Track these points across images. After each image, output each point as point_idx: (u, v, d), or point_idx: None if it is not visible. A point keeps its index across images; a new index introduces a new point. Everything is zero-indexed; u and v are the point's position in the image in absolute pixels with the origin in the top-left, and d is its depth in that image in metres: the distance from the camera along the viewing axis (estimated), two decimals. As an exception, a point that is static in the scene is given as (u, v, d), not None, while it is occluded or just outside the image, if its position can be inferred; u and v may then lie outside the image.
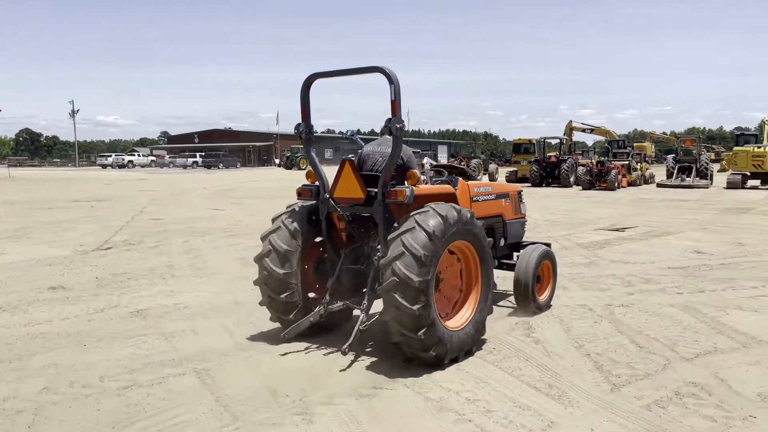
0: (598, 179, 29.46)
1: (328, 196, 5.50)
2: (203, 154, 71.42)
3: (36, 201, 22.08)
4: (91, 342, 5.69)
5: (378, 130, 6.71)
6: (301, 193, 5.76)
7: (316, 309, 5.44)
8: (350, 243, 5.72)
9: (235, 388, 4.56)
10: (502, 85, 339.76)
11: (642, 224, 14.69)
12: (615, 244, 11.63)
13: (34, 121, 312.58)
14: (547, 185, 32.29)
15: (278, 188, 30.69)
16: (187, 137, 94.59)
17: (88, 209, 18.97)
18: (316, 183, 5.64)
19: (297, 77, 5.62)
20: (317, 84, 5.53)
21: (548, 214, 17.38)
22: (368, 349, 5.44)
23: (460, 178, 6.27)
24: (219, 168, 65.43)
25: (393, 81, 4.93)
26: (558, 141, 36.88)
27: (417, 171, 5.33)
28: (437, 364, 4.87)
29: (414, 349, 4.79)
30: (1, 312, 6.72)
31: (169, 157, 74.52)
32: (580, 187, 29.97)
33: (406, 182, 5.32)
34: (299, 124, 5.61)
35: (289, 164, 61.48)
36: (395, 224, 5.06)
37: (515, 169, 37.30)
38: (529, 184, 32.36)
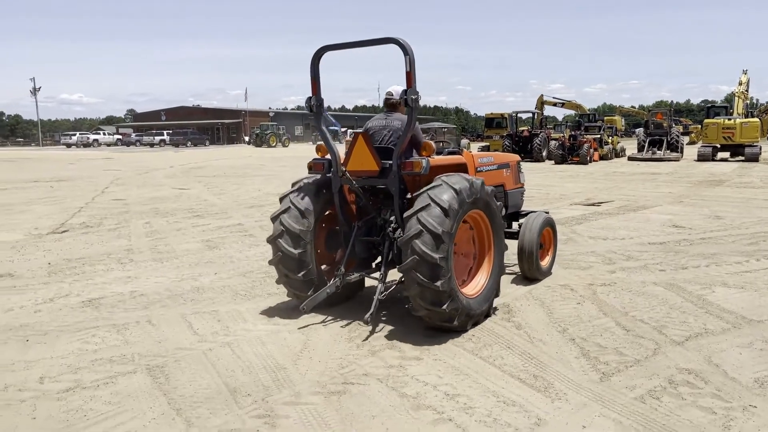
0: (570, 153, 29.33)
1: (343, 168, 5.45)
2: (170, 132, 69.76)
3: (23, 181, 21.10)
4: (35, 337, 5.19)
5: (349, 106, 6.46)
6: (312, 167, 5.81)
7: (332, 281, 5.47)
8: (362, 215, 5.78)
9: (191, 387, 4.12)
10: (469, 60, 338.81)
11: (617, 198, 14.49)
12: (592, 219, 11.38)
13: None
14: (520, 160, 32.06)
15: (247, 165, 30.00)
16: (153, 115, 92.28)
17: (47, 190, 18.15)
18: (327, 156, 5.64)
19: (266, 53, 5.20)
20: (287, 60, 5.14)
21: (523, 189, 17.08)
22: (336, 339, 5.05)
23: (465, 150, 6.27)
24: (187, 146, 64.04)
25: (408, 52, 4.94)
26: (530, 115, 36.63)
27: (432, 143, 5.35)
28: (446, 324, 4.96)
29: (438, 321, 4.92)
30: (-62, 305, 6.16)
31: (136, 136, 72.61)
32: (553, 162, 29.80)
33: (417, 154, 5.42)
34: (310, 97, 5.54)
35: (259, 141, 60.43)
36: (408, 196, 5.29)
37: (488, 144, 37.00)
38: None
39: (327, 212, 5.81)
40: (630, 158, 31.43)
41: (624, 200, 14.07)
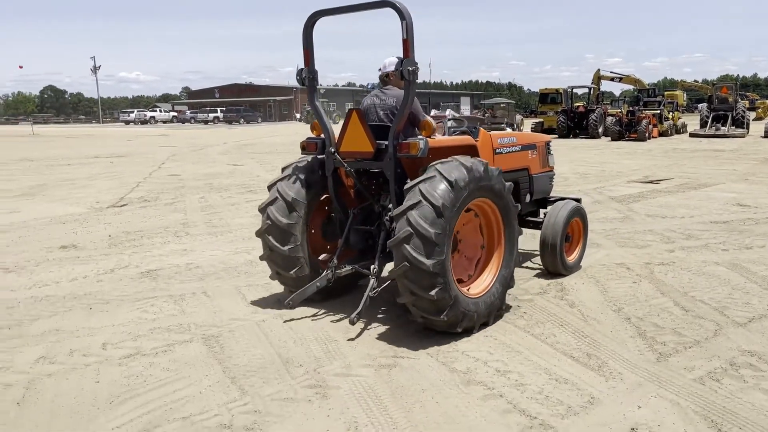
0: (627, 130, 28.42)
1: (333, 150, 4.99)
2: (224, 109, 70.95)
3: (55, 158, 21.94)
4: (98, 305, 5.40)
5: None
6: (305, 146, 5.33)
7: (324, 273, 5.03)
8: (360, 201, 5.25)
9: (245, 357, 4.22)
10: (524, 34, 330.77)
11: (677, 176, 13.98)
12: (650, 197, 11.02)
13: (57, 77, 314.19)
14: (575, 136, 31.31)
15: (297, 143, 30.24)
16: (207, 92, 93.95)
17: (107, 166, 18.76)
18: (322, 135, 5.17)
19: (316, 30, 5.05)
20: (337, 35, 5.01)
21: (577, 166, 16.70)
22: (386, 314, 5.06)
23: (482, 129, 5.70)
24: (240, 123, 65.01)
25: (405, 17, 4.41)
26: (586, 91, 35.58)
27: (432, 121, 4.74)
28: (449, 330, 4.44)
29: (425, 312, 4.34)
30: (7, 273, 6.47)
31: (190, 113, 74.15)
32: (609, 138, 28.97)
33: (417, 133, 4.81)
34: (301, 69, 5.08)
35: (310, 118, 60.73)
36: (408, 181, 4.59)
37: (541, 120, 36.16)
38: (556, 136, 31.43)
39: (323, 197, 5.33)
40: (692, 134, 30.24)
41: (684, 178, 13.57)
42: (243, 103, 78.05)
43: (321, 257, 5.37)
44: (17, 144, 32.21)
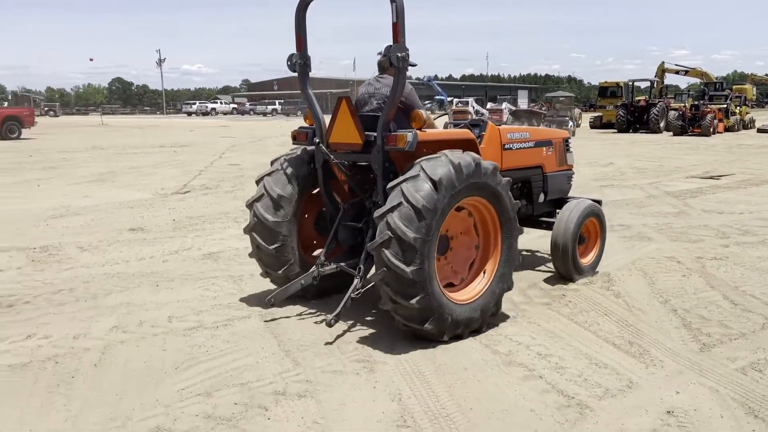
0: (691, 124, 27.63)
1: (317, 140, 4.81)
2: (282, 101, 72.27)
3: (123, 147, 22.96)
4: (164, 282, 5.78)
5: (456, 75, 6.05)
6: (296, 136, 5.10)
7: (310, 270, 4.83)
8: (352, 196, 5.03)
9: (299, 332, 4.48)
10: (585, 26, 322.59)
11: (739, 172, 13.59)
12: (708, 192, 10.80)
13: (125, 70, 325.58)
14: (635, 131, 30.59)
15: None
16: (266, 85, 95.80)
17: (171, 155, 19.54)
18: (314, 126, 4.93)
19: (375, 22, 5.13)
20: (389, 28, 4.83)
21: (634, 161, 16.41)
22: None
23: (490, 123, 5.38)
24: (297, 115, 66.02)
25: None
26: (648, 84, 34.67)
27: (422, 111, 4.48)
28: (434, 339, 4.19)
29: (407, 320, 4.11)
30: (83, 252, 6.95)
31: (250, 105, 75.93)
32: (671, 133, 28.19)
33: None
34: (292, 54, 4.81)
35: (366, 111, 61.22)
36: (398, 176, 4.29)
37: (600, 114, 35.53)
38: (615, 130, 30.80)
39: (315, 190, 5.10)
40: (760, 130, 29.14)
41: (747, 174, 13.18)
42: (301, 95, 79.23)
43: (315, 253, 5.20)
44: (88, 133, 33.79)
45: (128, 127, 42.25)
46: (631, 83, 33.41)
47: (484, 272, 4.61)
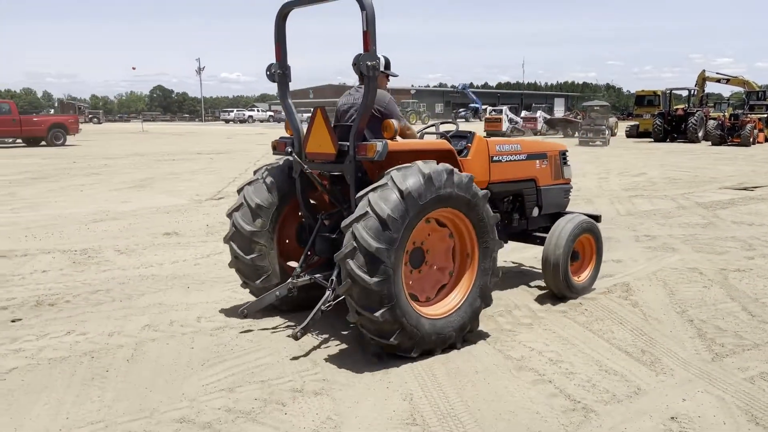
0: (730, 134, 27.09)
1: (290, 150, 4.84)
2: (318, 109, 73.02)
3: (162, 153, 23.64)
4: (194, 285, 6.04)
5: (492, 83, 6.01)
6: (276, 146, 5.09)
7: (286, 282, 4.81)
8: (332, 206, 4.98)
9: (319, 333, 4.67)
10: (623, 33, 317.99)
11: (776, 183, 13.35)
12: (740, 204, 10.67)
13: (165, 78, 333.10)
14: (672, 140, 30.13)
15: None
16: (302, 93, 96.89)
17: (207, 161, 20.06)
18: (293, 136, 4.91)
19: (408, 29, 5.29)
20: (428, 36, 4.81)
21: (668, 170, 16.24)
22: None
23: (477, 134, 5.24)
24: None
25: (365, 6, 4.04)
26: (687, 92, 34.09)
27: (394, 122, 4.40)
28: (403, 355, 4.10)
29: (373, 334, 4.01)
30: (120, 255, 7.29)
31: (286, 112, 76.82)
32: (710, 143, 27.69)
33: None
34: (271, 64, 4.82)
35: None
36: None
37: (637, 122, 35.08)
38: (652, 139, 30.40)
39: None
40: (802, 140, 28.35)
41: (783, 185, 12.94)
42: (335, 103, 79.99)
43: (289, 264, 5.18)
44: (129, 140, 34.81)
45: (167, 134, 43.33)
46: (668, 92, 32.94)
47: (461, 287, 4.47)
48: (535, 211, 5.82)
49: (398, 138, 4.48)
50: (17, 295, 5.63)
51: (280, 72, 4.83)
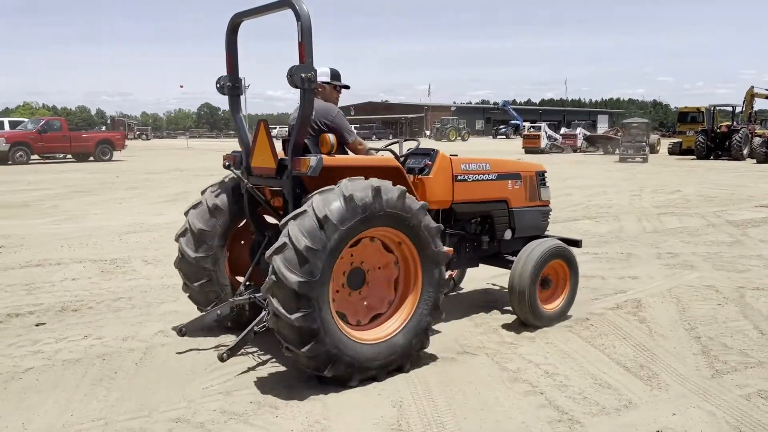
0: (777, 152, 26.23)
1: (229, 163, 4.79)
2: (357, 126, 73.84)
3: (202, 169, 24.28)
4: (212, 294, 6.24)
5: (536, 100, 5.68)
6: (226, 160, 4.93)
7: (228, 300, 4.69)
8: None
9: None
10: (673, 48, 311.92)
11: (817, 201, 12.93)
12: (774, 222, 10.39)
13: (213, 96, 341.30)
14: (716, 158, 29.39)
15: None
16: (344, 110, 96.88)
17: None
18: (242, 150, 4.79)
19: (451, 48, 5.22)
20: (473, 52, 4.49)
21: (705, 188, 15.89)
22: (467, 311, 5.43)
23: (441, 152, 5.02)
24: (372, 139, 67.28)
25: (300, 17, 3.88)
26: (733, 109, 33.23)
27: (331, 136, 4.25)
28: (316, 373, 3.89)
29: (287, 340, 3.79)
30: (147, 265, 7.58)
31: (327, 129, 78.00)
32: (755, 161, 26.90)
33: (344, 150, 4.53)
34: (221, 77, 4.72)
35: (439, 135, 61.81)
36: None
37: (680, 140, 34.34)
38: (694, 157, 29.72)
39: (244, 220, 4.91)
40: None
41: (824, 204, 12.53)
42: (376, 120, 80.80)
43: (241, 282, 4.97)
44: (173, 156, 35.88)
45: (211, 150, 44.39)
46: (712, 108, 32.19)
47: (403, 308, 4.24)
48: (508, 234, 5.53)
49: (350, 153, 4.48)
50: (45, 301, 5.93)
51: (230, 85, 4.73)
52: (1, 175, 21.01)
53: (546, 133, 37.67)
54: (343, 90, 4.96)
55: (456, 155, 5.18)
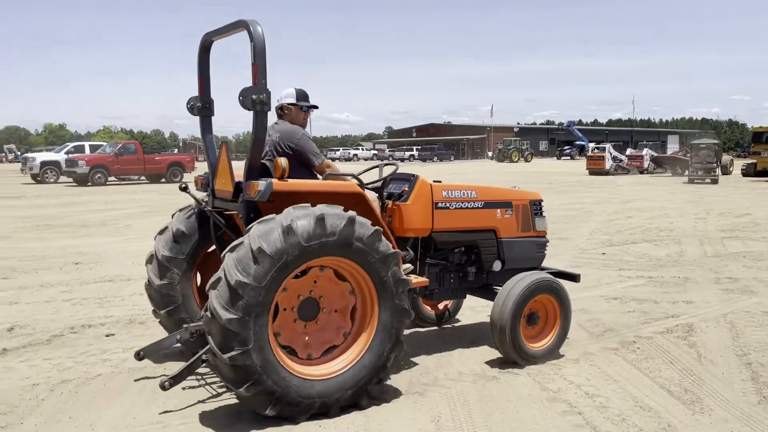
0: None
1: (184, 186, 4.80)
2: (419, 147, 74.38)
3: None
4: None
5: (603, 120, 5.03)
6: (196, 182, 4.83)
7: (186, 325, 4.58)
8: None
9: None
10: (749, 65, 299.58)
11: None
12: None
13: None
14: (793, 179, 28.07)
15: (484, 179, 30.90)
16: (406, 132, 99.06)
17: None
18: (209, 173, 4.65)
19: (517, 69, 5.27)
20: (533, 73, 4.44)
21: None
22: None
23: (421, 178, 4.83)
24: (433, 161, 67.54)
25: (253, 38, 3.79)
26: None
27: (283, 160, 4.02)
28: (260, 412, 3.69)
29: (224, 378, 3.65)
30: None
31: (389, 151, 78.86)
32: (835, 182, 25.57)
33: (307, 173, 4.46)
34: (192, 97, 4.61)
35: (501, 157, 61.32)
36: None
37: (754, 161, 32.95)
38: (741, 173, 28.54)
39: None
40: None
41: None
42: (438, 141, 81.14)
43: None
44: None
45: (276, 172, 45.77)
46: (789, 127, 30.80)
47: (359, 341, 4.02)
48: (497, 265, 5.21)
49: (319, 177, 4.48)
50: (115, 314, 6.37)
51: (200, 105, 4.59)
52: (82, 195, 22.35)
53: (611, 153, 36.85)
54: (313, 110, 4.91)
55: (440, 181, 5.02)
